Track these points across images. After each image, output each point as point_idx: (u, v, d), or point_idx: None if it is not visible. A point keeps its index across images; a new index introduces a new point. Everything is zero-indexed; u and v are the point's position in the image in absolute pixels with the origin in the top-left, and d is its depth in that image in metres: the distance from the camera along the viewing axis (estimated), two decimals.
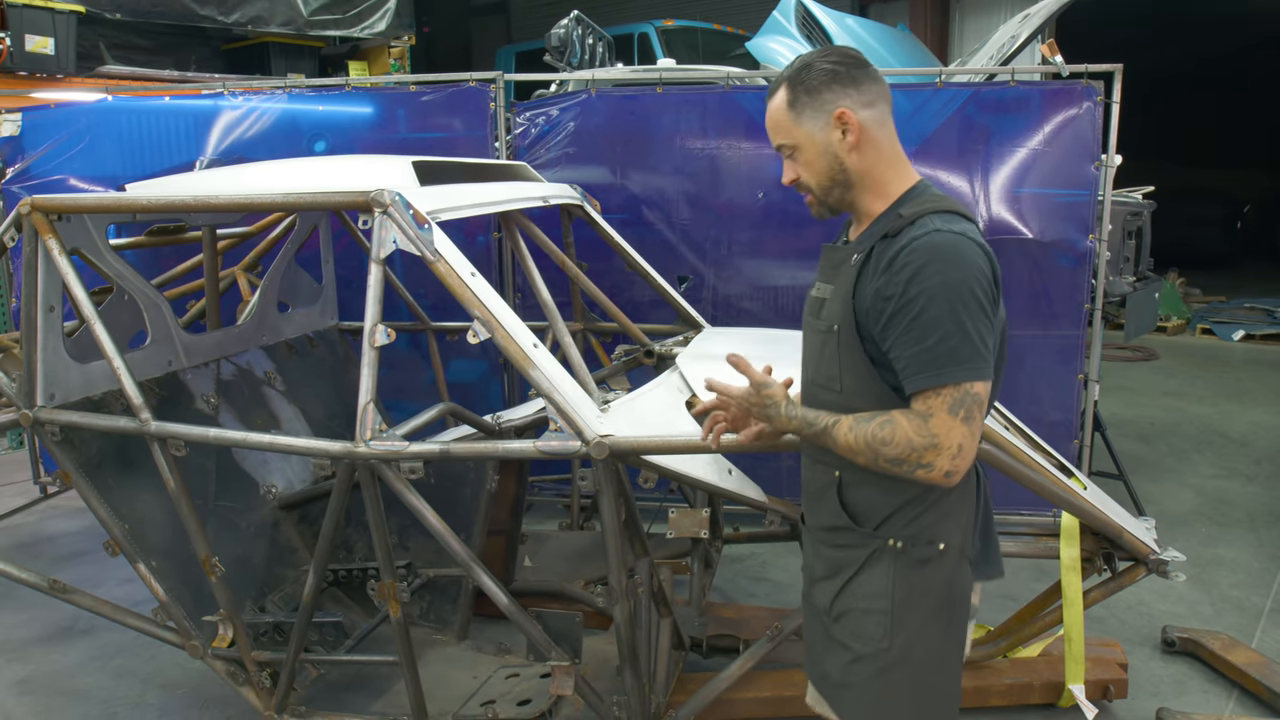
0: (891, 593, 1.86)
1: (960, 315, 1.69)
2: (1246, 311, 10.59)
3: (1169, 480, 5.64)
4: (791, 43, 7.90)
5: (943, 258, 1.71)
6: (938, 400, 1.72)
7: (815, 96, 1.85)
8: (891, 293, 1.74)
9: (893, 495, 1.86)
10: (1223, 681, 3.47)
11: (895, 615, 1.86)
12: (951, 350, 1.70)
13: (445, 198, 2.80)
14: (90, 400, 3.10)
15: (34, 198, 2.90)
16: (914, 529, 1.86)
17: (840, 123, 1.84)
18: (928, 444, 1.72)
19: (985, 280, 1.73)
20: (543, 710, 2.84)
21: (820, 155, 1.87)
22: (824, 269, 2.00)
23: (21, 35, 6.84)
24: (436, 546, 2.82)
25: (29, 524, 5.20)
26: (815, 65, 1.85)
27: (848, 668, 1.93)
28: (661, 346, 3.66)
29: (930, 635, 1.88)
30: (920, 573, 1.86)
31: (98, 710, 3.45)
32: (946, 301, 1.69)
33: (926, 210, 1.79)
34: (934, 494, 1.84)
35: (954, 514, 1.87)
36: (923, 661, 1.88)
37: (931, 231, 1.74)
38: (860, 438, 1.78)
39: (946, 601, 1.88)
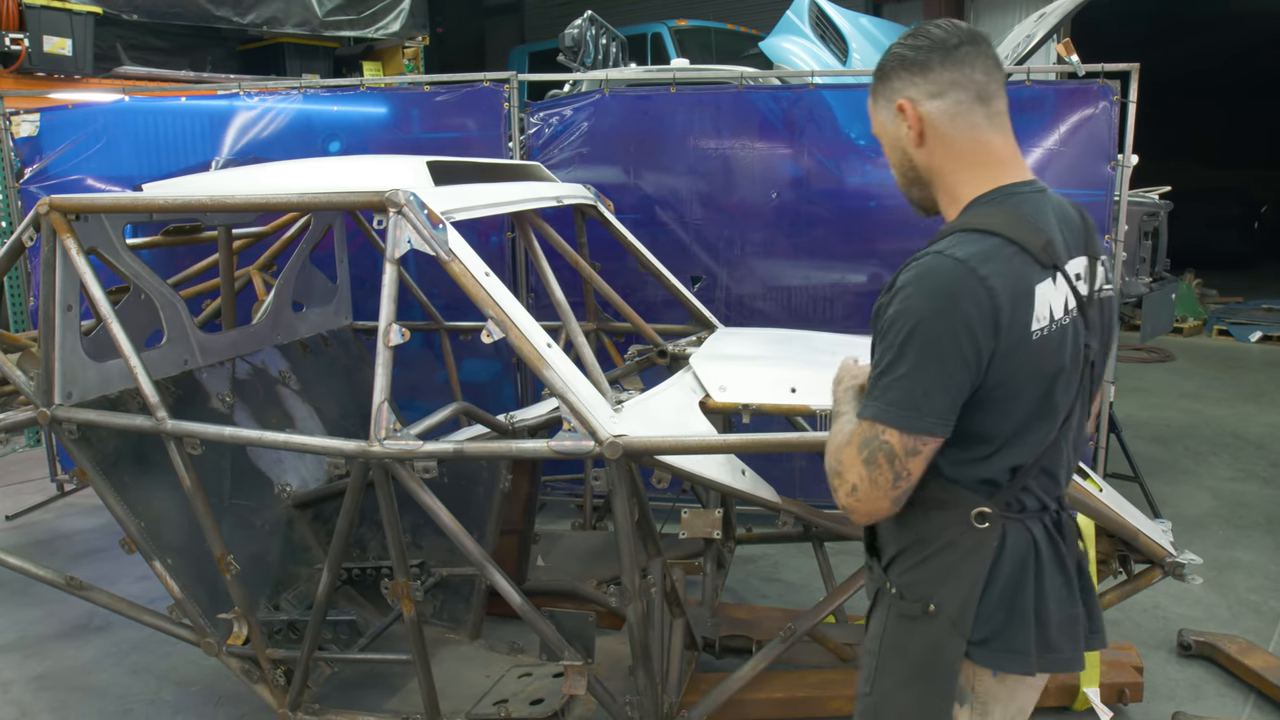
0: (880, 638, 1.73)
1: (911, 354, 1.52)
2: (1264, 313, 10.51)
3: (1185, 482, 5.60)
4: (805, 43, 7.89)
5: (924, 288, 1.52)
6: (857, 431, 1.59)
7: (885, 84, 1.70)
8: (878, 311, 1.61)
9: (899, 535, 1.71)
10: (1239, 685, 3.45)
11: (879, 661, 1.72)
12: (885, 386, 1.55)
13: (459, 198, 2.80)
14: (107, 399, 3.12)
15: (52, 197, 2.92)
16: (909, 579, 1.69)
17: (901, 115, 1.67)
18: (834, 468, 1.63)
19: (962, 323, 1.50)
20: (555, 710, 2.84)
21: (892, 148, 1.74)
22: None
23: (39, 36, 6.89)
24: (450, 545, 2.82)
25: (46, 521, 5.24)
26: (892, 49, 1.69)
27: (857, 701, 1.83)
28: (675, 346, 3.66)
29: (903, 700, 1.69)
30: (905, 628, 1.68)
31: (113, 706, 3.47)
32: (906, 335, 1.52)
33: (957, 227, 1.60)
34: (934, 545, 1.66)
35: (953, 578, 1.64)
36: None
37: (933, 253, 1.55)
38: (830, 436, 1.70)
39: (925, 670, 1.66)
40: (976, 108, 1.64)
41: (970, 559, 1.63)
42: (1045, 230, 1.59)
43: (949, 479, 1.63)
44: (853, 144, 4.64)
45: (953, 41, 1.63)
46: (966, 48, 1.63)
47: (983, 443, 1.61)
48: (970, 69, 1.63)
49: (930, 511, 1.65)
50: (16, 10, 6.83)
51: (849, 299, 4.73)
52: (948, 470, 1.63)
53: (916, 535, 1.68)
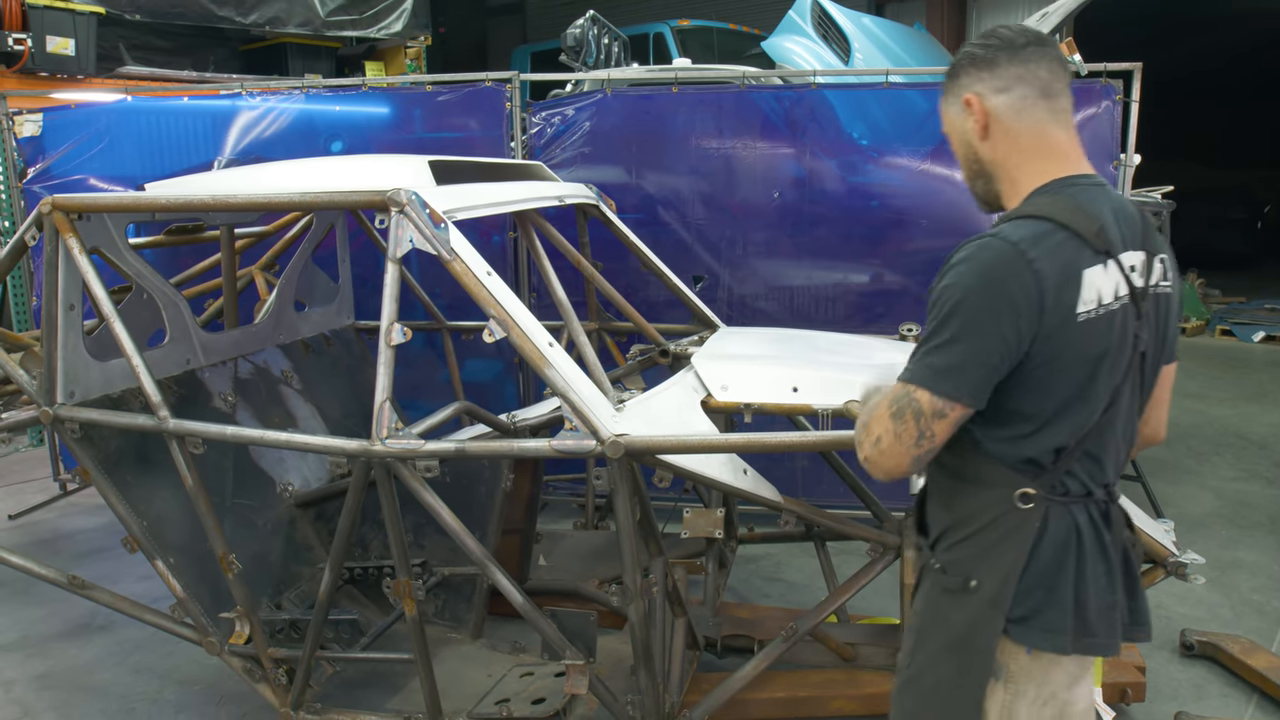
0: (923, 612, 1.82)
1: (953, 325, 1.60)
2: (1267, 312, 10.49)
3: (1188, 482, 5.60)
4: (807, 42, 7.88)
5: (971, 263, 1.60)
6: (891, 391, 1.69)
7: (954, 81, 1.79)
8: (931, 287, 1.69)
9: (944, 514, 1.80)
10: (1242, 686, 3.44)
11: (919, 635, 1.81)
12: (925, 352, 1.63)
13: (461, 197, 2.80)
14: (109, 398, 3.12)
15: (55, 197, 2.92)
16: (952, 556, 1.77)
17: (968, 109, 1.75)
18: (862, 423, 1.73)
19: (1005, 300, 1.57)
20: (557, 709, 2.84)
21: (958, 143, 1.81)
22: None
23: (43, 36, 6.90)
24: (452, 545, 2.82)
25: (49, 520, 5.25)
26: (964, 48, 1.78)
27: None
28: (676, 346, 3.65)
29: (941, 671, 1.77)
30: (946, 601, 1.76)
31: (116, 705, 3.47)
32: (952, 307, 1.60)
33: (1013, 215, 1.67)
34: (978, 523, 1.72)
35: (992, 557, 1.71)
36: (929, 693, 1.79)
37: (986, 235, 1.63)
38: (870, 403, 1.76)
39: (963, 643, 1.74)
40: (1040, 103, 1.72)
41: (1011, 538, 1.69)
42: (1099, 217, 1.64)
43: (993, 457, 1.69)
44: (855, 144, 4.64)
45: (1020, 41, 1.72)
46: (1033, 48, 1.72)
47: (1025, 420, 1.66)
48: (1035, 66, 1.71)
49: (976, 490, 1.72)
50: (20, 10, 6.84)
51: (851, 299, 4.73)
52: (992, 448, 1.69)
53: (962, 513, 1.74)
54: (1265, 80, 15.60)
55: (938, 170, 4.52)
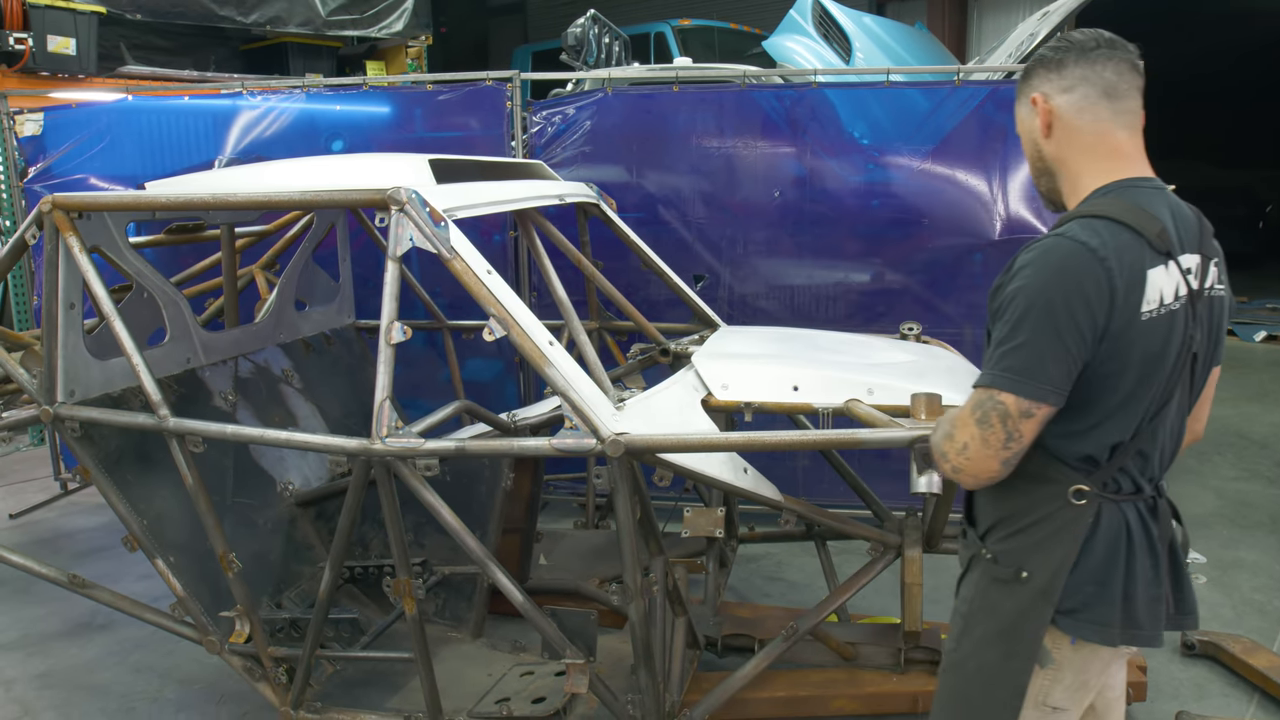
0: (971, 600, 1.87)
1: (1029, 325, 1.63)
2: (1269, 312, 10.48)
3: (1189, 482, 5.59)
4: (809, 42, 7.87)
5: (1040, 262, 1.65)
6: (971, 398, 1.72)
7: (1025, 83, 1.83)
8: (993, 295, 1.74)
9: (996, 507, 1.84)
10: (1244, 685, 3.44)
11: (966, 621, 1.87)
12: (1002, 355, 1.66)
13: (462, 196, 2.80)
14: (110, 397, 3.12)
15: (55, 196, 2.91)
16: (1005, 547, 1.82)
17: (1034, 107, 1.80)
18: (946, 433, 1.75)
19: (1080, 298, 1.61)
20: (557, 708, 2.84)
21: (1026, 141, 1.85)
22: None
23: (44, 36, 6.91)
24: (452, 544, 2.82)
25: (49, 519, 5.25)
26: (1038, 52, 1.83)
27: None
28: (677, 345, 3.65)
29: (987, 655, 1.83)
30: (996, 590, 1.82)
31: (116, 704, 3.47)
32: (1025, 308, 1.64)
33: (1076, 214, 1.71)
34: (1032, 517, 1.77)
35: (1045, 549, 1.76)
36: (972, 676, 1.86)
37: (1054, 235, 1.68)
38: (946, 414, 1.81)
39: (1010, 631, 1.80)
40: (1103, 103, 1.75)
41: (1064, 533, 1.75)
42: (1160, 219, 1.70)
43: (1051, 453, 1.74)
44: (856, 143, 4.63)
45: (1090, 44, 1.76)
46: (1103, 50, 1.76)
47: (1086, 416, 1.71)
48: (1101, 68, 1.75)
49: (1031, 486, 1.76)
50: (21, 10, 6.85)
51: (852, 298, 4.72)
52: (1051, 444, 1.73)
53: (1016, 507, 1.79)
54: (1268, 80, 15.56)
55: (939, 170, 4.52)
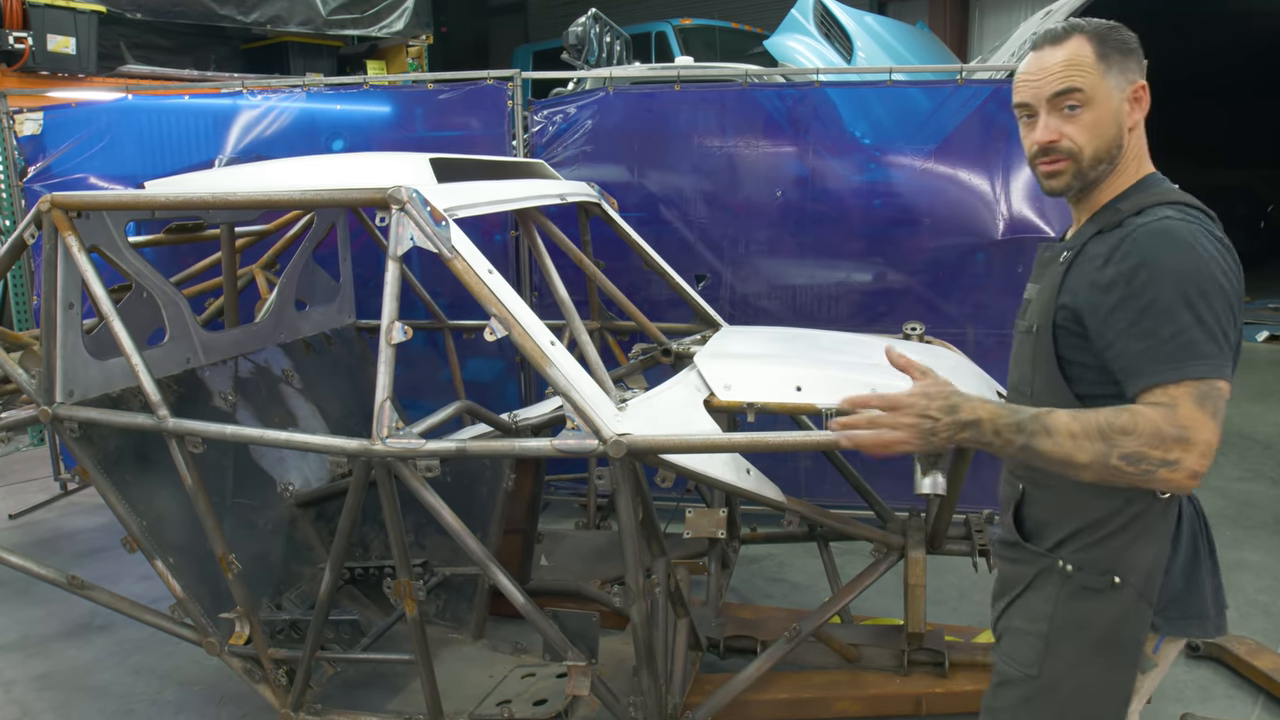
0: (1051, 617, 1.73)
1: (1198, 306, 1.52)
2: (1270, 312, 10.48)
3: None
4: (810, 41, 7.87)
5: (1175, 242, 1.56)
6: (1180, 391, 1.50)
7: (1128, 59, 1.70)
8: (1113, 282, 1.59)
9: (1073, 516, 1.72)
10: (1248, 687, 3.42)
11: (1049, 642, 1.73)
12: (1190, 343, 1.51)
13: (462, 195, 2.79)
14: (109, 397, 3.11)
15: (54, 195, 2.90)
16: (1090, 555, 1.70)
17: (1136, 95, 1.70)
18: (1178, 435, 1.48)
19: (1229, 271, 1.56)
20: (559, 710, 2.83)
21: (1112, 121, 1.69)
22: (1036, 269, 1.87)
23: (44, 35, 6.89)
24: (453, 545, 2.81)
25: (49, 520, 5.24)
26: (1123, 30, 1.72)
27: (994, 691, 1.83)
28: (679, 345, 3.64)
29: (1086, 673, 1.72)
30: (1086, 603, 1.71)
31: (115, 706, 3.46)
32: (1181, 290, 1.52)
33: (1155, 201, 1.65)
34: (1119, 520, 1.68)
35: (1139, 547, 1.68)
36: (1071, 698, 1.73)
37: (1164, 219, 1.60)
38: (1089, 427, 1.51)
39: (1110, 641, 1.70)
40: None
41: (1154, 531, 1.68)
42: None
43: None
44: (858, 143, 4.62)
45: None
46: None
47: None
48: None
49: (1128, 489, 1.64)
50: (20, 9, 6.83)
51: (854, 297, 4.71)
52: None
53: (1103, 511, 1.68)
54: (1268, 80, 15.56)
55: (941, 169, 4.50)
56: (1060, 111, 1.69)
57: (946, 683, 3.14)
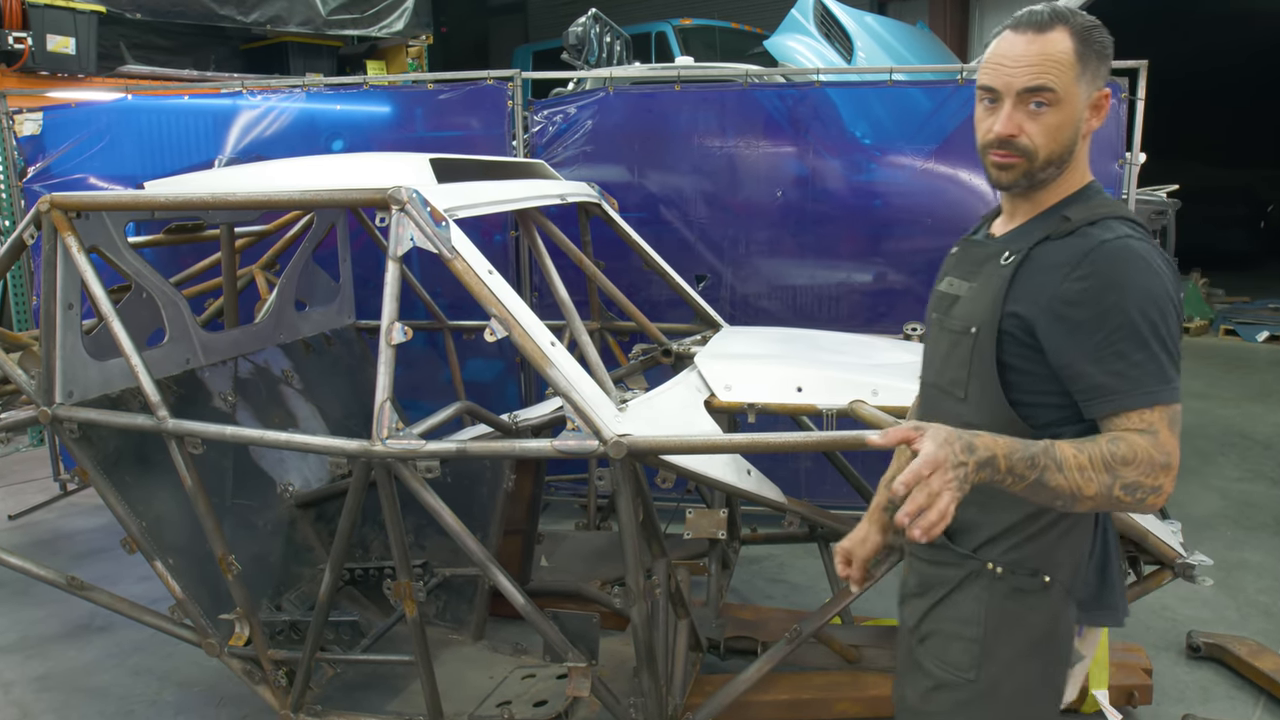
0: (983, 620, 1.72)
1: (1161, 330, 1.55)
2: (1271, 312, 10.47)
3: (1193, 483, 5.57)
4: (810, 41, 7.86)
5: (1140, 264, 1.56)
6: (1155, 416, 1.53)
7: (1101, 64, 1.65)
8: (1079, 299, 1.57)
9: (997, 516, 1.72)
10: (1249, 688, 3.42)
11: (985, 645, 1.72)
12: (1159, 369, 1.54)
13: (463, 195, 2.79)
14: (108, 398, 3.10)
15: (53, 195, 2.90)
16: (1017, 555, 1.71)
17: (1098, 104, 1.67)
18: (1164, 463, 1.52)
19: (1176, 290, 1.59)
20: (559, 711, 2.83)
21: (1072, 125, 1.65)
22: (961, 263, 1.84)
23: (43, 35, 6.89)
24: (453, 546, 2.81)
25: (48, 521, 5.24)
26: (1104, 31, 1.66)
27: (926, 695, 1.80)
28: (679, 345, 3.64)
29: (1023, 673, 1.73)
30: (1018, 604, 1.71)
31: (115, 707, 3.46)
32: (1148, 315, 1.54)
33: (1105, 214, 1.63)
34: (1044, 520, 1.69)
35: (1066, 546, 1.71)
36: (1011, 699, 1.73)
37: (1124, 237, 1.58)
38: (1095, 459, 1.51)
39: (1045, 640, 1.72)
40: None
41: (1080, 527, 1.71)
42: None
43: None
44: (858, 143, 4.62)
45: None
46: None
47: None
48: None
49: None
50: (20, 9, 6.83)
51: (855, 298, 4.71)
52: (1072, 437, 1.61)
53: (1031, 509, 1.68)
54: (1269, 80, 15.56)
55: (941, 169, 4.50)
56: (1026, 107, 1.63)
57: None
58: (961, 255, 1.87)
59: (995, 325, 1.66)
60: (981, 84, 1.69)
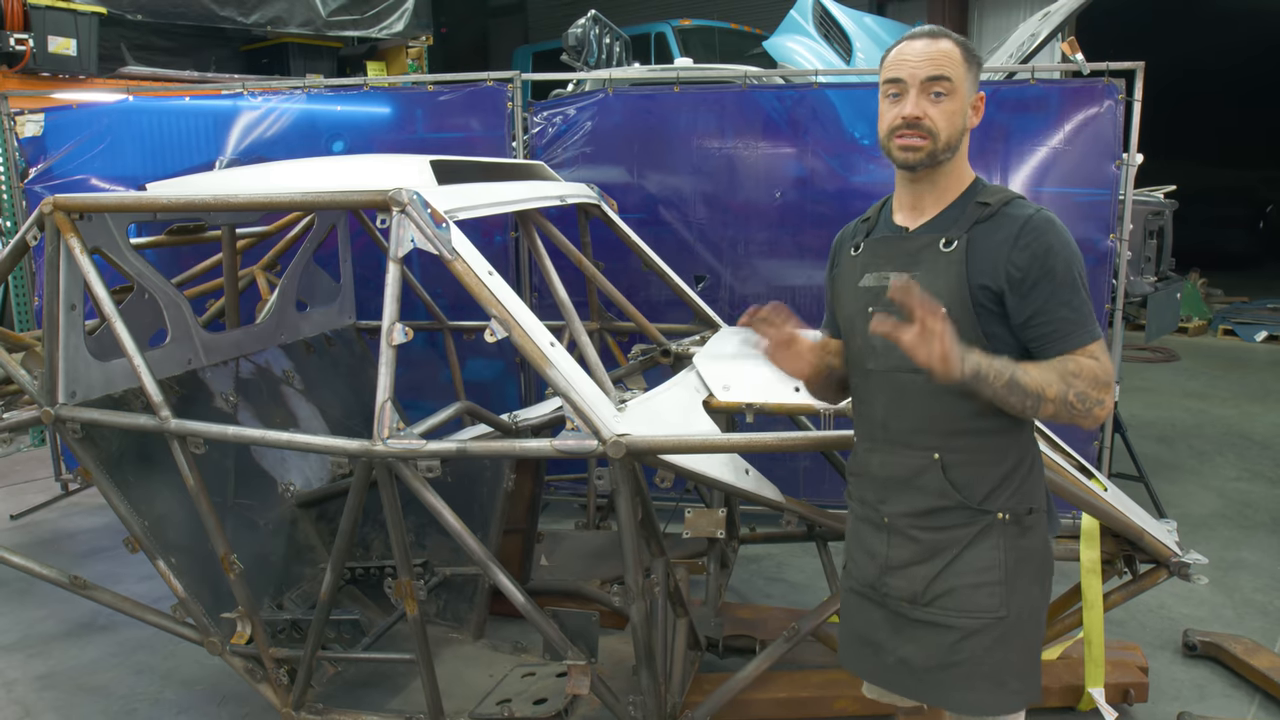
0: (1004, 563, 1.95)
1: (1083, 282, 1.90)
2: (1269, 312, 10.48)
3: (1190, 482, 5.59)
4: (809, 42, 7.88)
5: (1060, 231, 1.90)
6: (1096, 347, 1.87)
7: (978, 70, 1.99)
8: (1029, 263, 1.86)
9: (995, 469, 1.95)
10: (1245, 686, 3.43)
11: (1009, 584, 1.95)
12: (1090, 310, 1.89)
13: (463, 197, 2.80)
14: (111, 398, 3.12)
15: (56, 197, 2.92)
16: (1016, 498, 1.96)
17: (975, 105, 1.99)
18: (1106, 380, 1.85)
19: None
20: (559, 709, 2.84)
21: (962, 115, 1.95)
22: (884, 258, 2.05)
23: (44, 37, 6.91)
24: (453, 545, 2.83)
25: (50, 520, 5.25)
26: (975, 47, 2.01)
27: (955, 647, 1.96)
28: (678, 346, 3.65)
29: (1033, 595, 2.00)
30: (1026, 539, 1.97)
31: (117, 706, 3.47)
32: (1076, 269, 1.88)
33: (1011, 197, 1.96)
34: (1028, 462, 1.99)
35: (1035, 478, 2.01)
36: (1028, 620, 1.98)
37: (1040, 211, 1.91)
38: (1051, 370, 1.84)
39: (1043, 562, 2.02)
40: None
41: (1039, 462, 2.04)
42: None
43: None
44: (856, 143, 4.63)
45: None
46: None
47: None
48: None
49: (1019, 432, 1.98)
50: (21, 10, 6.84)
51: None
52: None
53: (1016, 458, 1.97)
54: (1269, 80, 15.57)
55: None
56: (928, 95, 1.92)
57: None
58: (880, 251, 2.07)
59: (968, 301, 1.90)
60: (887, 78, 1.96)
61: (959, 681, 1.96)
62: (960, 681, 1.96)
